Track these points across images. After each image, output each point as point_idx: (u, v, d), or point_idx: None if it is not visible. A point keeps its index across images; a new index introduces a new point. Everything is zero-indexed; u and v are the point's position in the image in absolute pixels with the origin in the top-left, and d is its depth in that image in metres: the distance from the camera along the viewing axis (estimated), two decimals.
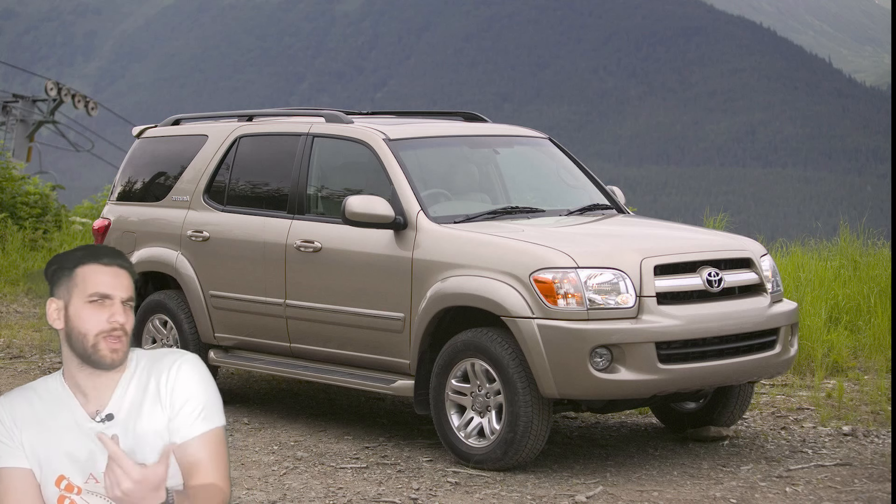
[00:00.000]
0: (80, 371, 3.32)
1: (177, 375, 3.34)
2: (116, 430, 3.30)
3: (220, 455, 3.32)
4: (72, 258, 3.32)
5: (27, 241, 16.17)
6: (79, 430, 3.31)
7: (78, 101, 31.63)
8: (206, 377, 3.39)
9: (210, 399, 3.36)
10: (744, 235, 7.55)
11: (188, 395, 3.33)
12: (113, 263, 3.31)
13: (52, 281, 3.34)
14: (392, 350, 7.10)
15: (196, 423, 3.31)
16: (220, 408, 3.38)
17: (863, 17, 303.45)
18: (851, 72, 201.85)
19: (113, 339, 3.26)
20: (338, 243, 7.38)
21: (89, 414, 3.32)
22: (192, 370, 3.37)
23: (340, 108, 8.44)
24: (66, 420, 3.32)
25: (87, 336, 3.26)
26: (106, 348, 3.27)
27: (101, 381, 3.33)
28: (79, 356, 3.29)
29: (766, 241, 11.19)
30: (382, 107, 10.53)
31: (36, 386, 3.39)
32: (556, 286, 6.39)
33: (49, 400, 3.34)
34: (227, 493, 3.31)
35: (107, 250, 3.35)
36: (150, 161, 8.84)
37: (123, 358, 3.29)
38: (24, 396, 3.37)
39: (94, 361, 3.27)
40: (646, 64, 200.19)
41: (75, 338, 3.28)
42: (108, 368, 3.29)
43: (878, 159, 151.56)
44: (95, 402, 3.34)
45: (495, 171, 7.96)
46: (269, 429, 7.74)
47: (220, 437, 3.34)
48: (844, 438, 7.40)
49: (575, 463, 6.90)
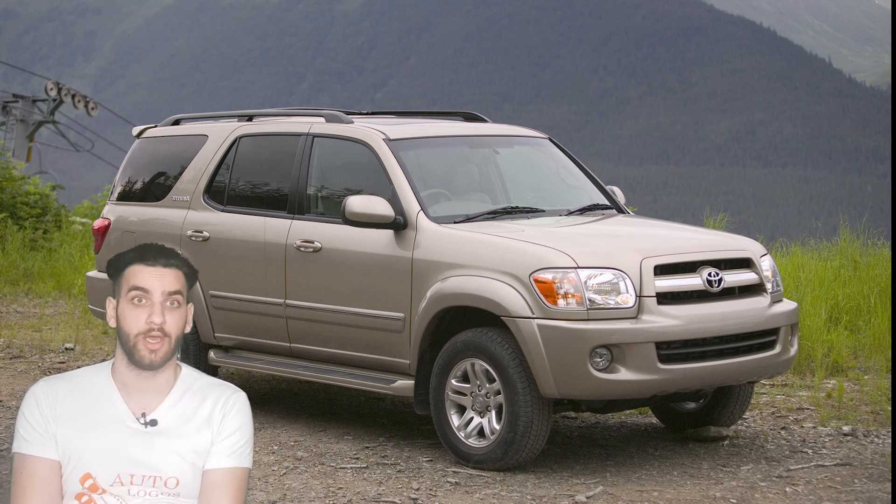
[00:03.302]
0: (129, 370, 3.36)
1: (232, 406, 3.42)
2: (158, 439, 3.33)
3: (240, 493, 3.38)
4: (124, 259, 3.38)
5: (27, 241, 16.17)
6: (119, 427, 3.33)
7: (78, 101, 31.63)
8: (251, 420, 3.47)
9: (249, 441, 3.44)
10: (744, 235, 7.54)
11: (236, 428, 3.40)
12: (157, 263, 3.34)
13: (112, 280, 3.40)
14: (392, 350, 7.10)
15: (232, 457, 3.38)
16: (252, 450, 3.46)
17: (863, 17, 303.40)
18: (851, 72, 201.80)
19: (151, 339, 3.30)
20: (338, 243, 7.38)
21: (134, 413, 3.35)
22: (245, 407, 3.46)
23: (340, 108, 8.43)
24: (107, 416, 3.34)
25: (129, 335, 3.32)
26: (144, 348, 3.31)
27: (149, 385, 3.36)
28: (126, 354, 3.34)
29: (766, 241, 11.19)
30: (382, 107, 10.52)
31: (78, 377, 3.42)
32: (556, 286, 6.39)
33: (92, 393, 3.37)
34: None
35: (155, 250, 3.37)
36: (150, 161, 8.84)
37: (163, 359, 3.33)
38: (67, 387, 3.38)
39: (136, 360, 3.33)
40: (646, 64, 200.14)
41: (122, 336, 3.34)
42: (147, 368, 3.33)
43: (878, 159, 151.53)
44: (141, 403, 3.37)
45: (495, 171, 7.96)
46: (269, 429, 7.74)
47: (244, 478, 3.42)
48: (844, 438, 7.40)
49: (575, 463, 6.90)
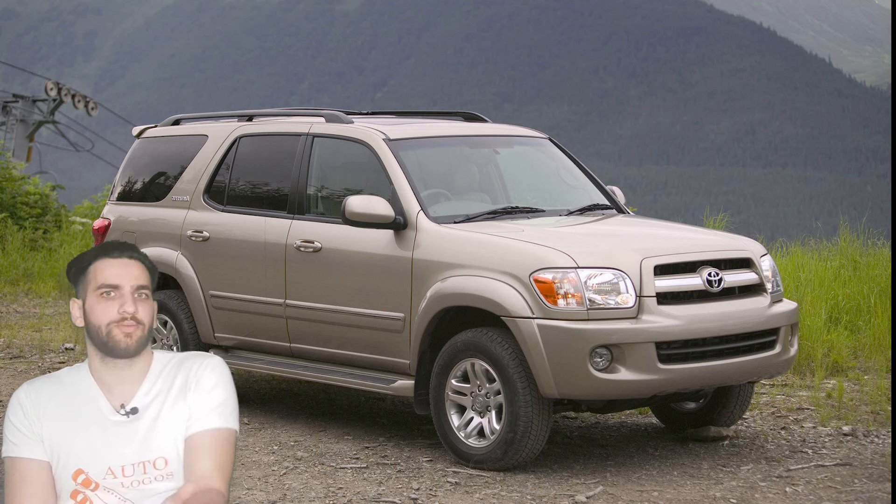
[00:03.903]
0: (104, 365, 3.38)
1: (205, 368, 3.42)
2: (140, 424, 3.34)
3: (227, 457, 3.35)
4: (86, 258, 3.42)
5: (27, 241, 16.17)
6: (102, 421, 3.35)
7: (78, 101, 31.64)
8: (231, 380, 3.46)
9: (230, 399, 3.42)
10: (744, 235, 7.54)
11: (212, 386, 3.39)
12: (122, 255, 3.40)
13: (73, 283, 3.43)
14: (392, 350, 7.10)
15: (212, 416, 3.36)
16: (237, 413, 3.43)
17: (863, 17, 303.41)
18: (851, 72, 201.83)
19: (126, 325, 3.33)
20: (338, 243, 7.38)
21: (114, 407, 3.37)
22: (220, 367, 3.45)
23: (340, 108, 8.43)
24: (90, 412, 3.36)
25: (100, 327, 3.34)
26: (119, 333, 3.33)
27: (125, 376, 3.39)
28: (99, 349, 3.37)
29: (766, 241, 11.19)
30: (382, 107, 10.52)
31: (61, 376, 3.45)
32: (556, 286, 6.39)
33: (74, 392, 3.39)
34: (226, 499, 3.31)
35: (116, 244, 3.43)
36: (150, 161, 8.84)
37: (139, 344, 3.36)
38: (49, 386, 3.41)
39: (111, 349, 3.34)
40: (646, 64, 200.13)
41: (93, 332, 3.36)
42: (124, 355, 3.35)
43: (878, 159, 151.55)
44: (120, 395, 3.39)
45: (495, 171, 7.96)
46: (269, 429, 7.74)
47: (231, 440, 3.38)
48: (844, 438, 7.40)
49: (575, 463, 6.90)
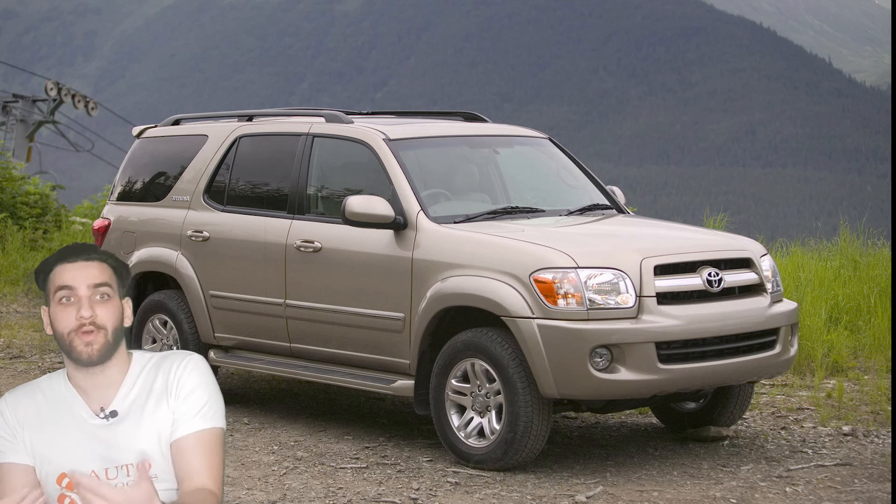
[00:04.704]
0: (77, 371, 3.32)
1: (184, 370, 3.34)
2: (121, 427, 3.29)
3: (216, 457, 3.29)
4: (46, 264, 3.32)
5: (27, 241, 16.16)
6: (83, 427, 3.31)
7: (78, 101, 31.63)
8: (212, 378, 3.39)
9: (213, 399, 3.35)
10: (744, 235, 7.54)
11: (194, 387, 3.32)
12: (78, 258, 3.29)
13: (41, 290, 3.34)
14: (392, 350, 7.10)
15: (196, 419, 3.29)
16: (222, 410, 3.36)
17: (863, 17, 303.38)
18: (851, 72, 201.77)
19: (84, 333, 3.24)
20: (338, 243, 7.38)
21: (93, 411, 3.32)
22: (200, 367, 3.37)
23: (340, 108, 8.43)
24: (71, 417, 3.32)
25: (63, 336, 3.27)
26: (80, 343, 3.25)
27: (101, 380, 3.32)
28: (67, 355, 3.29)
29: (766, 241, 11.18)
30: (382, 107, 10.52)
31: (41, 384, 3.40)
32: (556, 286, 6.39)
33: (53, 398, 3.35)
34: (219, 498, 3.26)
35: (74, 248, 3.32)
36: (150, 161, 8.84)
37: (102, 352, 3.26)
38: (28, 395, 3.37)
39: (75, 359, 3.27)
40: (646, 64, 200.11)
41: (58, 340, 3.29)
42: (87, 364, 3.27)
43: (878, 159, 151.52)
44: (98, 399, 3.33)
45: (495, 171, 7.96)
46: (269, 429, 7.74)
47: (218, 439, 3.32)
48: (844, 438, 7.40)
49: (575, 463, 6.90)
